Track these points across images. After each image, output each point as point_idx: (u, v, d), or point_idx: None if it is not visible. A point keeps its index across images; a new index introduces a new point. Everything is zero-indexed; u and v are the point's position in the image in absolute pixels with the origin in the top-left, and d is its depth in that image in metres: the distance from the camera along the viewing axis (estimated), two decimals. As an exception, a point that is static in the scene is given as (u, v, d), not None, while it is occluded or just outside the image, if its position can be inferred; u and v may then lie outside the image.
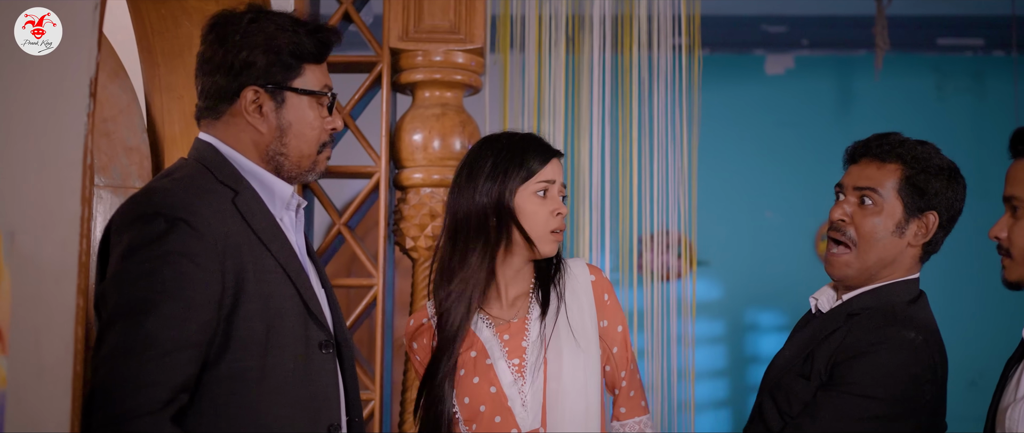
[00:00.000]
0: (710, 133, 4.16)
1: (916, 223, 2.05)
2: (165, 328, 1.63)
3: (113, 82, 2.80)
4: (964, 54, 5.87)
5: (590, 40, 3.61)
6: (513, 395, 2.06)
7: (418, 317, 2.21)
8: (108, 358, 1.61)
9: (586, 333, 2.11)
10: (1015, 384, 1.90)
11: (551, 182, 2.09)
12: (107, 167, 2.77)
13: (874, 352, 1.94)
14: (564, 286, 2.14)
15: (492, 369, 2.08)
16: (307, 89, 1.86)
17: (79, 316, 1.67)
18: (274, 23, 1.83)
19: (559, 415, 2.04)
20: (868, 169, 2.07)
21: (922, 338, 1.97)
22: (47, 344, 1.60)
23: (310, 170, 1.91)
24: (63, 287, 1.64)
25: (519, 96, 3.57)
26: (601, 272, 2.19)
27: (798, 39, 5.84)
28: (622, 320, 2.19)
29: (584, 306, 2.13)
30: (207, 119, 1.87)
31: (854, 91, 5.92)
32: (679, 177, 3.69)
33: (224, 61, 1.81)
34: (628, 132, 3.69)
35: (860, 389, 1.93)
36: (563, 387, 2.05)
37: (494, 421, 2.06)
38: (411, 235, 3.00)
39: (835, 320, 2.06)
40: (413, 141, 3.02)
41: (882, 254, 2.05)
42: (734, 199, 5.70)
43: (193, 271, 1.67)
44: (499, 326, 2.12)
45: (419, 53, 3.02)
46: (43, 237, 1.59)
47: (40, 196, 1.59)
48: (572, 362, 2.07)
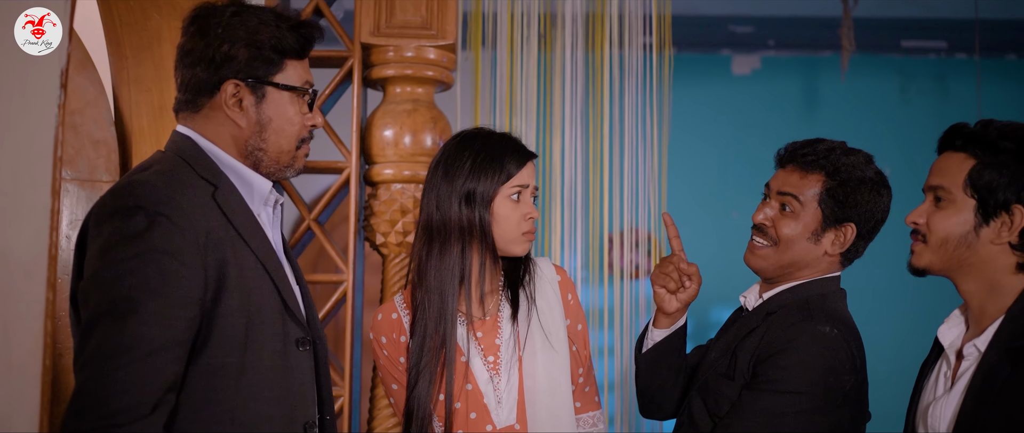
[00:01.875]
0: (679, 132, 4.18)
1: (833, 233, 2.09)
2: (150, 327, 1.60)
3: (80, 74, 2.77)
4: (928, 56, 5.94)
5: (562, 38, 3.62)
6: (488, 392, 2.07)
7: (386, 311, 2.20)
8: (92, 360, 1.58)
9: (557, 332, 2.13)
10: (933, 382, 1.96)
11: (525, 186, 2.11)
12: (74, 160, 2.73)
13: (792, 349, 1.98)
14: (534, 286, 2.16)
15: (467, 366, 2.08)
16: (288, 84, 1.84)
17: (49, 310, 1.64)
18: (257, 17, 1.81)
19: (536, 412, 2.06)
20: (792, 176, 2.11)
21: (837, 331, 2.01)
22: (16, 339, 1.57)
23: (289, 166, 1.89)
24: (32, 281, 1.61)
25: (490, 93, 3.57)
26: (565, 272, 2.23)
27: (765, 39, 5.88)
28: (582, 319, 2.23)
29: (553, 305, 2.15)
30: (186, 112, 1.85)
31: (820, 92, 5.98)
32: (649, 175, 3.70)
33: (205, 54, 1.79)
34: (599, 130, 3.70)
35: (782, 386, 1.97)
36: (539, 385, 2.07)
37: (469, 418, 2.06)
38: (381, 231, 2.99)
39: (755, 319, 2.11)
40: (384, 137, 3.01)
41: (796, 257, 2.10)
42: (700, 199, 5.73)
43: (176, 268, 1.65)
44: (471, 324, 2.12)
45: (390, 48, 3.01)
46: (12, 230, 1.57)
47: (9, 188, 1.57)
48: (546, 360, 2.09)
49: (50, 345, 1.65)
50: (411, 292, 2.15)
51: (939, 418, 1.87)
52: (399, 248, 2.99)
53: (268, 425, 1.77)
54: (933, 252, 1.93)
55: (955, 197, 1.90)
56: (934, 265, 1.94)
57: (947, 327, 1.97)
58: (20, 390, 1.58)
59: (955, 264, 1.91)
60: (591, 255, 3.79)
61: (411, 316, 2.14)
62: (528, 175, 2.12)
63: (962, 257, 1.90)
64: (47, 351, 1.63)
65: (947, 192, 1.91)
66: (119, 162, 2.81)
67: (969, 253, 1.89)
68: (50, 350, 1.65)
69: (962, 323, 1.96)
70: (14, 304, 1.57)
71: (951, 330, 1.96)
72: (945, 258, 1.92)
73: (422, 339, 2.09)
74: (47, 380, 1.64)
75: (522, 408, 2.07)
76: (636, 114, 3.69)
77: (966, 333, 1.94)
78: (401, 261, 3.00)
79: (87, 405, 1.56)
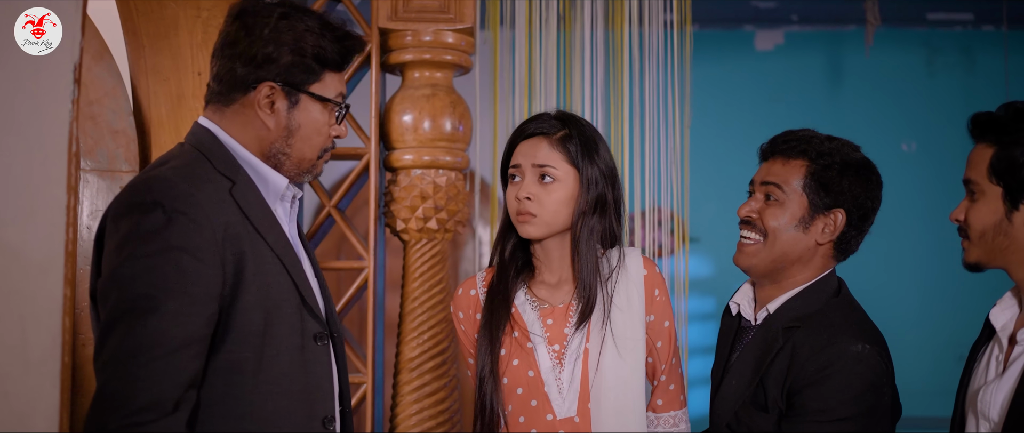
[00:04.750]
0: (701, 110, 4.14)
1: (821, 220, 2.05)
2: (170, 325, 1.61)
3: (98, 64, 2.76)
4: (954, 29, 5.85)
5: (581, 17, 3.58)
6: (550, 381, 2.05)
7: (466, 287, 2.20)
8: (113, 359, 1.59)
9: (632, 330, 2.08)
10: (984, 366, 1.92)
11: (518, 166, 2.08)
12: (93, 151, 2.73)
13: (830, 375, 1.94)
14: (616, 280, 2.10)
15: (532, 353, 2.06)
16: (323, 96, 1.85)
17: (67, 306, 1.64)
18: (304, 24, 1.81)
19: (601, 409, 2.03)
20: (775, 166, 2.09)
21: (868, 346, 1.97)
22: (33, 337, 1.57)
23: (308, 172, 1.90)
24: (50, 277, 1.61)
25: (509, 75, 3.54)
26: (655, 266, 2.15)
27: (788, 15, 5.80)
28: (669, 316, 2.15)
29: (633, 301, 2.10)
30: (216, 104, 1.84)
31: (844, 66, 5.90)
32: (671, 154, 3.67)
33: (247, 51, 1.79)
34: (620, 109, 3.67)
35: (826, 415, 1.93)
36: (605, 382, 2.04)
37: (530, 404, 2.05)
38: (401, 217, 2.97)
39: (772, 337, 2.05)
40: (403, 122, 2.99)
41: (787, 249, 2.05)
42: (724, 176, 5.67)
43: (194, 266, 1.65)
44: (543, 309, 2.10)
45: (408, 33, 2.99)
46: (28, 227, 1.57)
47: (25, 185, 1.57)
48: (614, 358, 2.05)
49: (69, 342, 1.65)
50: None
51: (990, 403, 1.84)
52: (420, 234, 2.97)
53: (286, 420, 1.77)
54: (977, 246, 1.91)
55: (984, 188, 1.88)
56: (982, 259, 1.92)
57: (999, 309, 1.93)
58: (39, 387, 1.58)
59: (999, 254, 1.89)
60: (613, 236, 3.77)
61: (488, 293, 2.15)
62: (523, 154, 2.08)
63: (1002, 246, 1.88)
64: (66, 348, 1.63)
65: (976, 184, 1.90)
66: (138, 152, 2.81)
67: (1007, 241, 1.87)
68: (69, 347, 1.65)
69: (1015, 306, 1.92)
70: (31, 301, 1.57)
71: (1003, 313, 1.92)
72: (988, 250, 1.90)
73: (487, 318, 2.10)
74: (66, 377, 1.64)
75: (584, 401, 2.03)
76: (657, 92, 3.65)
77: (1020, 316, 1.90)
78: (422, 247, 2.99)
79: (110, 405, 1.57)
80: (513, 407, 2.06)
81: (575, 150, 2.06)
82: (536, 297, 2.11)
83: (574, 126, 2.09)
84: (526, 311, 2.10)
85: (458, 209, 3.02)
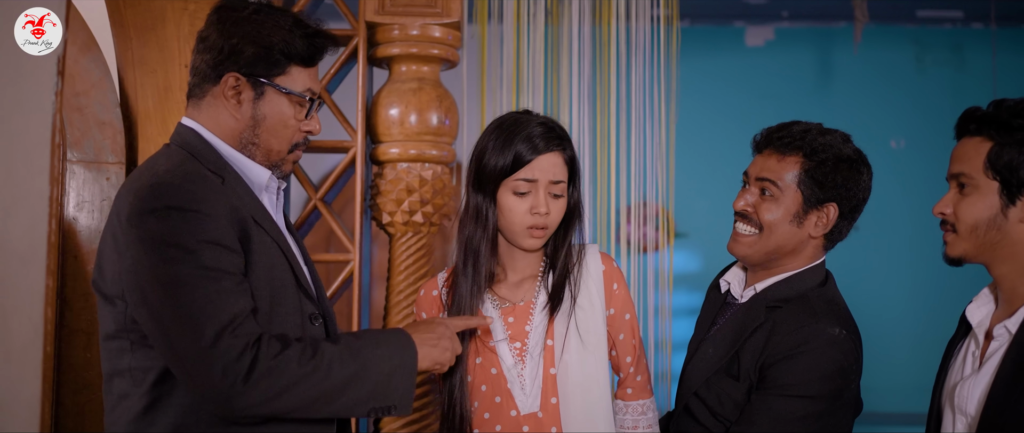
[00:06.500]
0: (691, 105, 4.15)
1: (815, 214, 2.08)
2: (217, 296, 1.66)
3: (85, 55, 2.77)
4: (943, 26, 5.87)
5: (569, 11, 3.59)
6: (512, 378, 2.07)
7: (428, 288, 2.21)
8: (178, 325, 1.63)
9: (594, 326, 2.10)
10: (961, 362, 1.95)
11: (533, 181, 2.03)
12: (80, 142, 2.74)
13: (803, 352, 1.98)
14: (578, 278, 2.11)
15: (494, 351, 2.08)
16: (288, 89, 1.88)
17: (49, 297, 1.65)
18: (274, 20, 1.86)
19: (569, 405, 2.06)
20: (769, 161, 2.11)
21: (845, 332, 2.01)
22: (15, 328, 1.58)
23: (277, 166, 1.93)
24: (32, 268, 1.62)
25: (497, 69, 3.55)
26: (612, 261, 2.17)
27: (778, 11, 5.82)
28: (630, 309, 2.17)
29: (594, 298, 2.12)
30: (194, 98, 1.90)
31: (833, 63, 5.92)
32: (658, 149, 3.68)
33: (216, 43, 1.84)
34: (607, 104, 3.68)
35: (795, 390, 1.97)
36: (571, 378, 2.06)
37: (494, 401, 2.07)
38: (388, 210, 2.99)
39: (755, 314, 2.09)
40: (389, 116, 3.00)
41: (781, 242, 2.09)
42: (712, 171, 5.69)
43: (227, 255, 1.70)
44: (504, 308, 2.11)
45: (395, 27, 3.00)
46: (10, 218, 1.58)
47: (6, 176, 1.58)
48: (579, 354, 2.07)
49: (51, 332, 1.66)
50: (455, 269, 2.16)
51: (967, 398, 1.87)
52: (405, 227, 2.99)
53: None
54: (965, 240, 1.92)
55: (978, 182, 1.89)
56: (968, 253, 1.93)
57: (975, 306, 1.95)
58: (20, 376, 1.60)
59: (988, 249, 1.90)
60: (599, 229, 3.79)
61: (450, 294, 2.15)
62: (537, 170, 2.04)
63: (993, 241, 1.89)
64: (48, 338, 1.64)
65: (969, 178, 1.90)
66: (125, 143, 2.82)
67: (999, 236, 1.88)
68: (51, 337, 1.66)
69: (991, 302, 1.94)
70: (12, 292, 1.58)
71: (979, 309, 1.95)
72: (977, 244, 1.91)
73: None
74: (49, 366, 1.65)
75: (547, 396, 2.05)
76: (644, 88, 3.67)
77: (995, 312, 1.92)
78: (408, 240, 3.01)
79: (186, 329, 1.62)
80: (478, 404, 2.08)
81: (574, 165, 2.10)
82: (497, 296, 2.12)
83: (568, 138, 2.11)
84: (488, 310, 2.11)
85: (444, 203, 3.03)
